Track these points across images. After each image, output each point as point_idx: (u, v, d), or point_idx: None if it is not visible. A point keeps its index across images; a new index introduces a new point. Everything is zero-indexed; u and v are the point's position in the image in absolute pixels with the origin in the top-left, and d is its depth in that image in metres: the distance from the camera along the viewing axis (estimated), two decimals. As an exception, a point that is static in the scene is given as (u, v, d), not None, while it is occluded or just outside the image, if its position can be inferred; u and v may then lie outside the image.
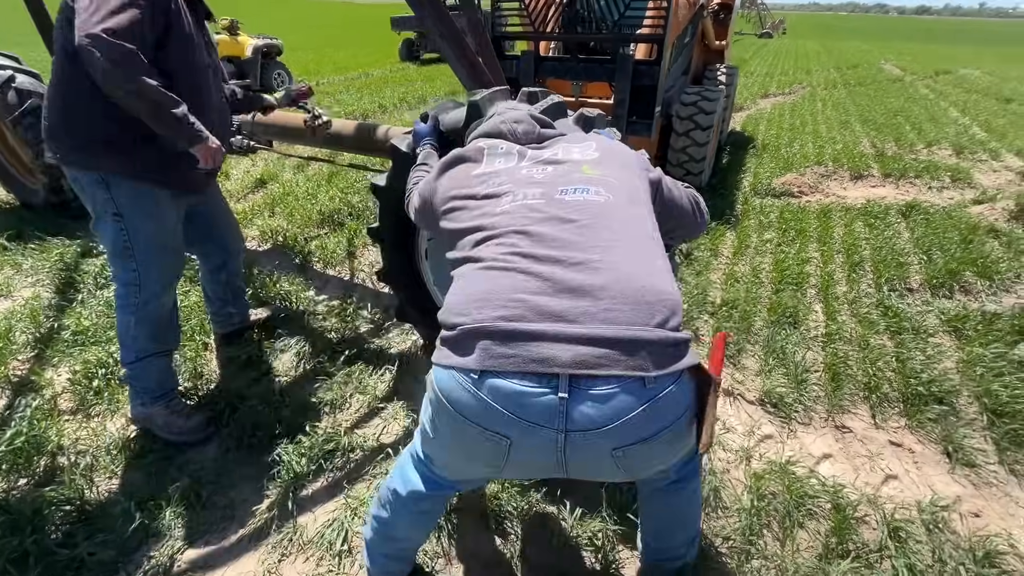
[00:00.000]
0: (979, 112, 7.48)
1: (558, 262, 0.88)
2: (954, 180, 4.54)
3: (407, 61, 13.41)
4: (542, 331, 0.80)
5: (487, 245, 0.96)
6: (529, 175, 1.07)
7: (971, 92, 9.51)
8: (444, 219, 1.12)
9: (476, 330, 0.84)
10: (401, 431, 1.99)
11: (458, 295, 0.92)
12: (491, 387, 0.81)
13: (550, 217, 0.95)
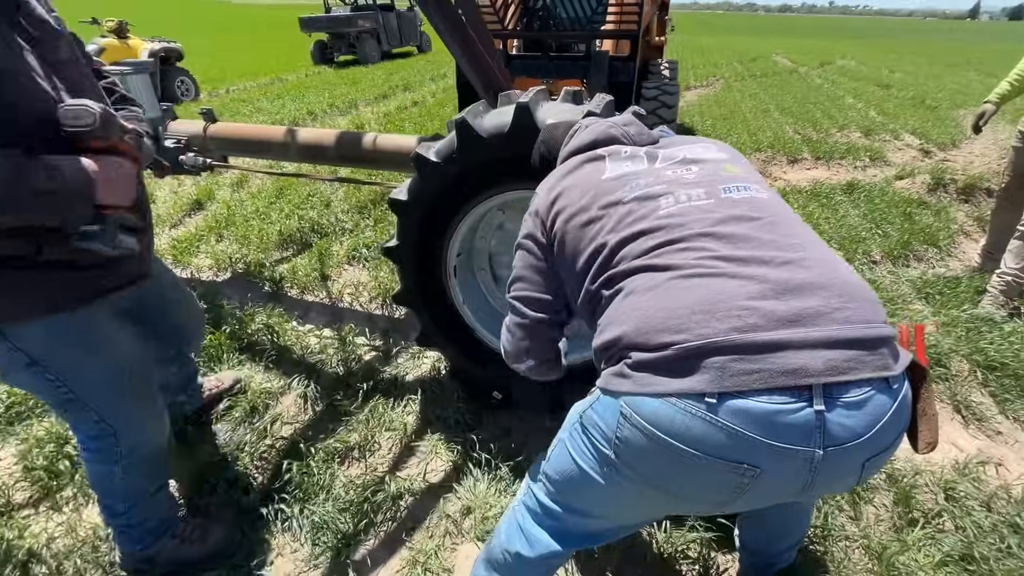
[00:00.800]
0: (869, 98, 8.42)
1: (765, 262, 0.79)
2: (873, 159, 5.04)
3: (322, 64, 12.66)
4: (786, 339, 0.71)
5: (672, 251, 0.84)
6: (678, 175, 0.97)
7: (855, 80, 10.72)
8: (577, 235, 1.00)
9: (703, 347, 0.73)
10: (447, 466, 1.82)
11: (655, 310, 0.79)
12: (734, 410, 0.71)
13: (731, 217, 0.86)
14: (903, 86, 9.74)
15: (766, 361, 0.70)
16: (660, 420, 0.75)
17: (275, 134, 2.42)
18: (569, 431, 0.97)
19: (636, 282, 0.85)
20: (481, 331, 1.95)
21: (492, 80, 2.00)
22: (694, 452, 0.73)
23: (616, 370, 0.83)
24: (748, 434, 0.70)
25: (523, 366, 1.16)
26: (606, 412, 0.84)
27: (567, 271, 1.04)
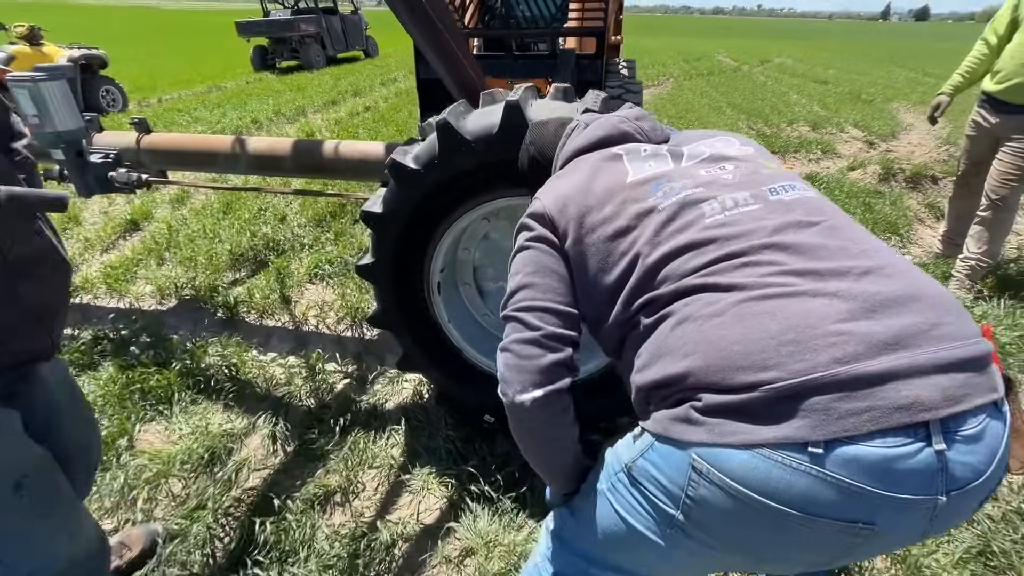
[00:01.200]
0: (810, 93, 8.81)
1: (842, 274, 0.67)
2: (824, 152, 5.22)
3: (263, 70, 12.05)
4: (892, 368, 0.59)
5: (731, 268, 0.72)
6: (714, 176, 0.85)
7: (794, 76, 11.23)
8: (602, 248, 0.85)
9: (802, 386, 0.60)
10: (442, 504, 1.65)
11: (729, 341, 0.66)
12: (845, 460, 0.58)
13: (789, 223, 0.75)
14: (838, 82, 10.28)
15: (875, 396, 0.58)
16: (751, 477, 0.61)
17: (222, 144, 2.17)
18: (610, 482, 0.82)
19: (692, 306, 0.72)
20: (469, 351, 1.79)
21: (467, 79, 1.84)
22: (797, 513, 0.60)
23: (679, 414, 0.69)
24: (864, 487, 0.58)
25: (527, 397, 0.84)
26: (668, 465, 0.70)
27: (586, 291, 0.89)
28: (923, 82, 10.71)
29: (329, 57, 12.90)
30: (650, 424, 0.75)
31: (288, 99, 8.03)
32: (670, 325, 0.74)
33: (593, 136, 1.01)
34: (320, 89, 8.85)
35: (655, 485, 0.72)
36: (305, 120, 6.73)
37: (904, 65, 14.42)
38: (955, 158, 4.76)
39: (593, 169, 0.93)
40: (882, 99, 8.22)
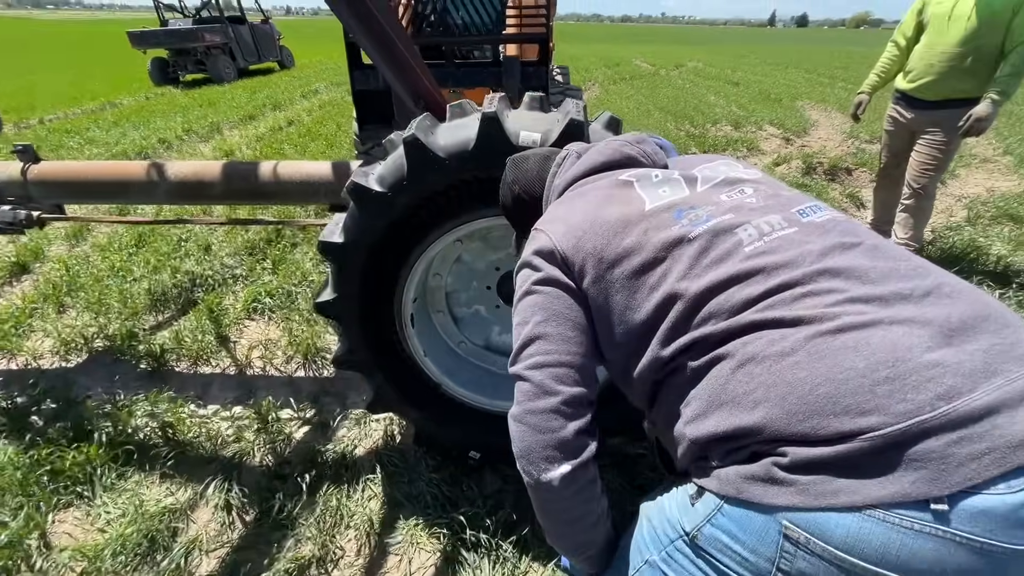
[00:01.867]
0: (726, 94, 9.36)
1: (906, 298, 0.62)
2: (749, 149, 5.53)
3: (164, 84, 11.02)
4: (1000, 399, 0.53)
5: (789, 300, 0.64)
6: (737, 201, 0.77)
7: (708, 79, 11.92)
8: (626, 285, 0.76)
9: (909, 431, 0.52)
10: (435, 559, 1.48)
11: (811, 384, 0.57)
12: (974, 514, 0.51)
13: (833, 246, 0.68)
14: (748, 83, 11.04)
15: (992, 436, 0.52)
16: (865, 545, 0.53)
17: (134, 171, 1.87)
18: (664, 552, 0.72)
19: (753, 345, 0.63)
20: (449, 384, 1.64)
21: (423, 91, 1.70)
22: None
23: (758, 473, 0.60)
24: (999, 543, 0.51)
25: (555, 475, 0.75)
26: (748, 534, 0.60)
27: (610, 335, 0.79)
28: (818, 81, 11.76)
29: (240, 69, 12.06)
30: (714, 484, 0.65)
31: (198, 115, 7.37)
32: (729, 368, 0.65)
33: (594, 161, 0.92)
34: (234, 103, 8.22)
35: (730, 555, 0.62)
36: (221, 137, 6.19)
37: (799, 67, 15.79)
38: (862, 151, 5.21)
39: (603, 197, 0.84)
40: (789, 98, 8.90)
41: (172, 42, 10.73)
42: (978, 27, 2.43)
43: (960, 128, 2.53)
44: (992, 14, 2.39)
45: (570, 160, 0.97)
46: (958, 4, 2.50)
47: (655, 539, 0.75)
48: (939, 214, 3.88)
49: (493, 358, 1.78)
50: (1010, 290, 2.74)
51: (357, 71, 3.01)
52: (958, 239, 3.33)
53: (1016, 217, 3.78)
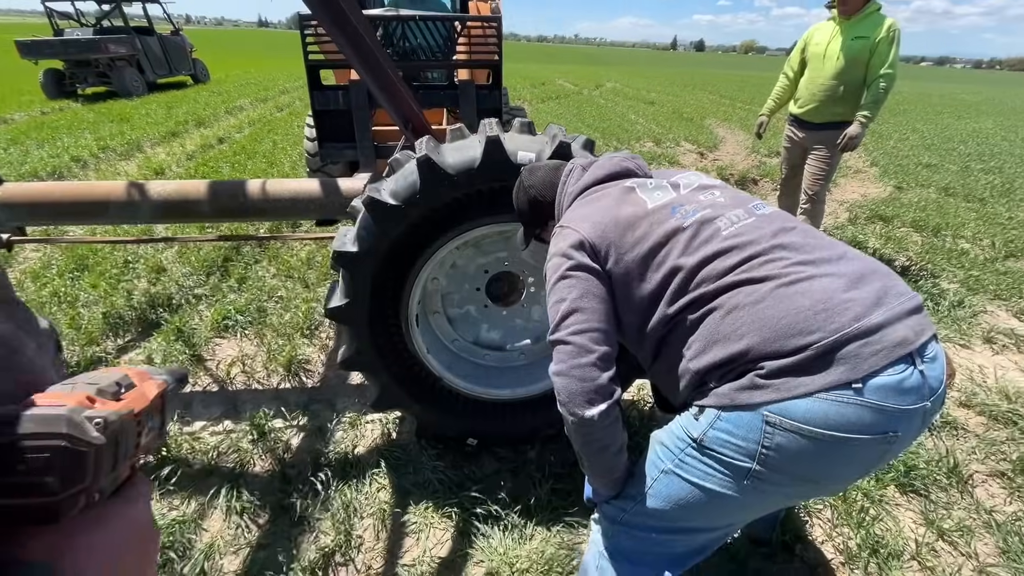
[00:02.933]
0: (644, 113, 10.20)
1: (829, 261, 0.91)
2: (672, 163, 6.14)
3: (60, 98, 10.07)
4: (885, 318, 0.83)
5: (757, 265, 0.91)
6: (712, 199, 1.05)
7: (627, 99, 12.88)
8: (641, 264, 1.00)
9: (837, 341, 0.81)
10: (450, 535, 1.64)
11: (776, 318, 0.85)
12: (876, 388, 0.80)
13: (780, 229, 0.97)
14: (662, 103, 12.07)
15: (882, 340, 0.82)
16: (816, 417, 0.81)
17: (113, 192, 1.88)
18: (677, 459, 0.97)
19: (736, 298, 0.90)
20: (449, 377, 1.82)
21: (408, 113, 1.89)
22: (854, 436, 0.81)
23: (744, 384, 0.86)
24: (890, 405, 0.81)
25: (595, 412, 0.95)
26: (740, 427, 0.86)
27: (628, 301, 1.04)
28: (721, 102, 13.11)
29: (150, 83, 11.31)
30: (712, 400, 0.91)
31: (111, 131, 6.88)
32: (720, 316, 0.92)
33: (602, 173, 1.18)
34: (151, 119, 7.74)
35: (730, 447, 0.88)
36: (144, 155, 5.86)
37: (703, 89, 17.44)
38: (764, 164, 5.98)
39: (615, 200, 1.10)
40: (699, 117, 9.88)
41: (70, 53, 9.89)
42: (846, 65, 3.01)
43: (838, 145, 3.11)
44: (855, 54, 2.99)
45: (577, 172, 1.21)
46: (830, 45, 3.09)
47: (667, 453, 0.99)
48: (828, 216, 4.59)
49: (483, 352, 1.97)
50: (885, 275, 3.36)
51: (317, 92, 3.10)
52: (844, 236, 4.00)
53: (884, 217, 4.57)
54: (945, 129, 10.43)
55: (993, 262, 3.74)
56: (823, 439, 0.82)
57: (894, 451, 0.87)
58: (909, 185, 5.79)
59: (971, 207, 5.02)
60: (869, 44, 2.95)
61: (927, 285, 3.29)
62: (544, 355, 1.98)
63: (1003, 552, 1.61)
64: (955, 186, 5.70)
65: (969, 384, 2.41)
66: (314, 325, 2.70)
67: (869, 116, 3.01)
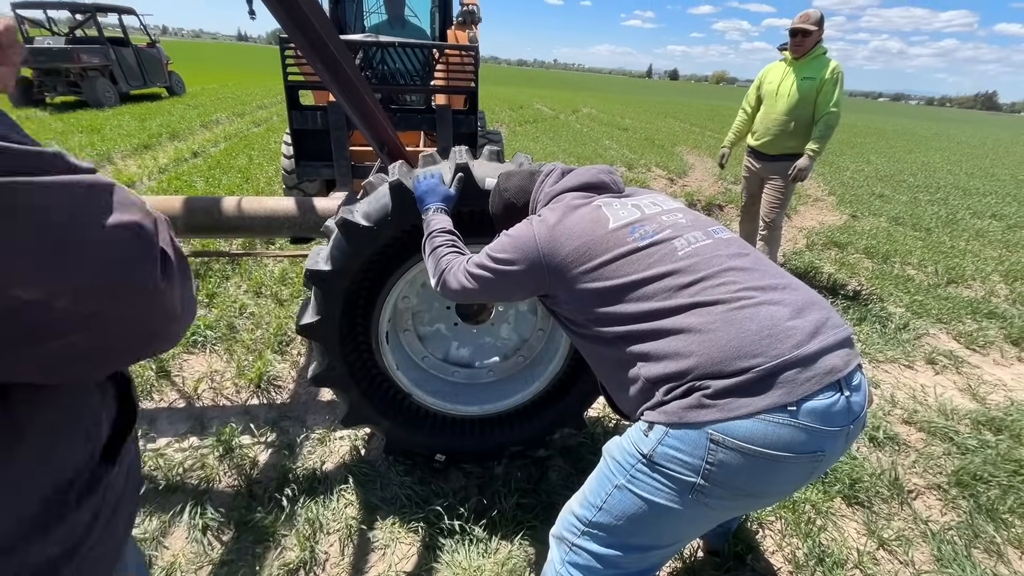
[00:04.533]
0: (618, 139, 10.54)
1: (775, 288, 1.00)
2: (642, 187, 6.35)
3: (26, 107, 9.83)
4: (820, 347, 0.92)
5: (709, 288, 0.99)
6: (674, 220, 1.13)
7: (602, 124, 13.29)
8: (593, 277, 1.07)
9: (777, 366, 0.89)
10: (415, 550, 1.67)
11: (724, 340, 0.92)
12: (808, 411, 0.88)
13: (733, 254, 1.05)
14: (635, 129, 12.50)
15: (815, 368, 0.91)
16: (755, 436, 0.89)
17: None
18: (628, 475, 1.02)
19: (690, 319, 0.98)
20: (418, 394, 1.87)
21: (385, 138, 1.97)
22: (787, 454, 0.89)
23: (691, 403, 0.93)
24: (819, 427, 0.90)
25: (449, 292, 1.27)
26: (687, 444, 0.93)
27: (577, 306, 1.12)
28: (691, 130, 13.65)
29: (123, 94, 11.15)
30: (660, 416, 0.97)
31: (80, 142, 6.76)
32: (672, 332, 0.98)
33: (577, 181, 1.25)
34: (123, 131, 7.62)
35: (676, 463, 0.95)
36: (115, 167, 5.77)
37: (675, 117, 18.13)
38: (729, 191, 6.25)
39: (580, 212, 1.17)
40: (669, 144, 10.27)
41: (41, 61, 9.70)
42: (796, 102, 3.25)
43: (790, 175, 3.32)
44: (804, 93, 3.22)
45: (556, 175, 1.30)
46: (782, 84, 3.33)
47: (619, 468, 1.06)
48: (788, 242, 4.83)
49: (452, 369, 2.03)
50: (837, 299, 3.56)
51: (296, 111, 3.16)
52: (801, 262, 4.22)
53: (839, 244, 4.84)
54: (897, 162, 11.09)
55: (936, 288, 4.00)
56: (761, 457, 0.89)
57: (821, 468, 0.96)
58: (863, 214, 6.14)
59: (918, 236, 5.36)
60: (816, 84, 3.19)
61: (876, 308, 3.50)
62: (512, 372, 2.05)
63: (937, 560, 1.73)
64: (904, 216, 6.07)
65: (911, 402, 2.57)
66: (285, 342, 2.71)
67: (816, 150, 3.24)
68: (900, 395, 2.63)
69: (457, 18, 4.31)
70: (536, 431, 2.00)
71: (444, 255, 1.30)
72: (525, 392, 1.95)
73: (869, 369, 2.88)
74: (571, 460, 2.04)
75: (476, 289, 1.20)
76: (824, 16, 3.18)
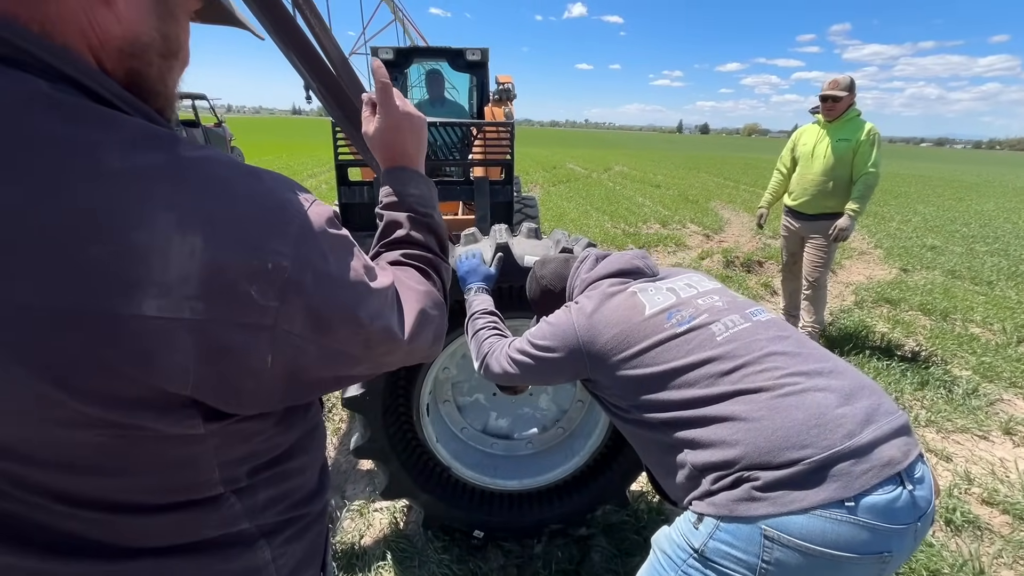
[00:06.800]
0: (651, 195, 10.67)
1: (821, 373, 0.96)
2: (677, 245, 6.36)
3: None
4: (874, 437, 0.87)
5: (752, 374, 0.97)
6: (710, 304, 1.12)
7: (634, 181, 13.53)
8: (633, 364, 1.07)
9: (829, 458, 0.85)
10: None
11: (771, 430, 0.89)
12: (868, 508, 0.83)
13: (774, 337, 1.03)
14: (668, 185, 12.66)
15: (872, 459, 0.86)
16: (812, 534, 0.84)
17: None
18: (680, 570, 0.97)
19: (733, 406, 0.95)
20: (458, 467, 1.86)
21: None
22: (850, 555, 0.83)
23: (742, 495, 0.89)
24: (883, 525, 0.84)
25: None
26: (740, 540, 0.88)
27: (620, 389, 1.11)
28: (726, 185, 13.70)
29: (190, 168, 12.29)
30: (710, 508, 0.94)
31: (151, 214, 7.40)
32: (717, 419, 0.96)
33: (612, 268, 1.27)
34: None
35: (730, 560, 0.90)
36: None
37: (708, 171, 18.28)
38: (768, 246, 6.16)
39: (616, 300, 1.18)
40: (703, 199, 10.31)
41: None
42: (833, 163, 3.24)
43: (831, 235, 3.26)
44: (840, 154, 3.22)
45: (590, 262, 1.32)
46: (817, 146, 3.35)
47: (670, 563, 1.01)
48: (834, 298, 4.66)
49: (491, 440, 2.01)
50: (893, 361, 3.36)
51: (344, 187, 3.41)
52: (850, 320, 4.04)
53: (891, 300, 4.63)
54: (947, 211, 10.69)
55: (1006, 347, 3.73)
56: (821, 556, 0.84)
57: (890, 569, 0.89)
58: (914, 267, 5.89)
59: (979, 290, 5.07)
60: (852, 145, 3.19)
61: (938, 372, 3.28)
62: (551, 444, 2.02)
63: (1042, 672, 1.52)
64: (961, 268, 5.77)
65: (991, 479, 2.35)
66: (328, 407, 2.77)
67: (857, 210, 3.19)
68: (976, 470, 2.41)
69: (493, 95, 4.62)
70: (577, 508, 1.94)
71: (486, 338, 1.34)
72: (565, 466, 1.91)
73: (937, 439, 2.66)
74: (614, 540, 1.94)
75: (518, 374, 1.22)
76: (854, 81, 3.23)
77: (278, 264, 0.47)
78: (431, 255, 0.77)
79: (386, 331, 0.59)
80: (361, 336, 0.57)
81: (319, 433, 0.69)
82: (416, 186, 0.79)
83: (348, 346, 0.56)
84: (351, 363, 0.59)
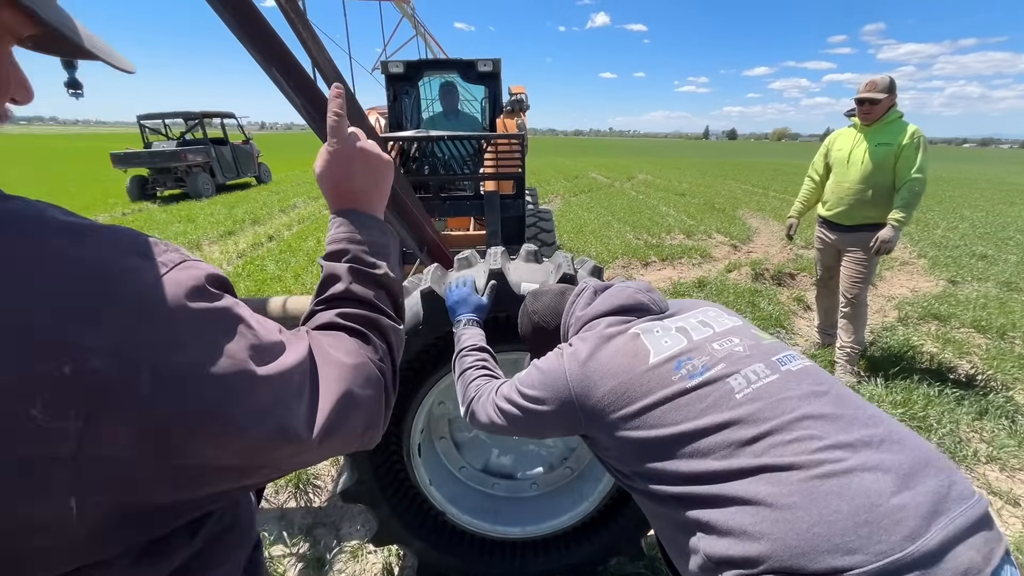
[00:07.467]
0: (675, 204, 10.37)
1: (868, 444, 0.77)
2: (703, 257, 6.08)
3: (141, 201, 11.33)
4: (945, 537, 0.68)
5: (776, 444, 0.79)
6: (728, 350, 0.94)
7: (658, 190, 13.22)
8: (635, 424, 0.89)
9: (885, 569, 0.66)
10: None
11: (806, 524, 0.70)
12: None
13: (807, 394, 0.85)
14: (693, 193, 12.30)
15: (942, 569, 0.66)
16: None
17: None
18: None
19: (756, 487, 0.77)
20: (453, 512, 1.69)
21: (427, 239, 1.95)
22: None
23: None
24: None
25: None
26: None
27: (620, 452, 0.93)
28: (753, 192, 13.24)
29: (219, 184, 12.63)
30: None
31: (177, 231, 7.57)
32: (736, 501, 0.78)
33: (612, 304, 1.09)
34: (213, 219, 8.49)
35: None
36: (201, 253, 6.34)
37: (735, 178, 17.78)
38: (800, 257, 5.82)
39: (615, 344, 0.99)
40: (731, 208, 9.95)
41: (155, 162, 11.25)
42: (872, 170, 2.97)
43: (872, 248, 2.98)
44: (880, 159, 2.95)
45: (587, 296, 1.14)
46: (854, 151, 3.08)
47: None
48: (875, 314, 4.32)
49: (492, 481, 1.85)
50: (946, 386, 3.04)
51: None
52: (894, 339, 3.72)
53: (939, 316, 4.26)
54: (998, 216, 10.02)
55: (1075, 370, 3.34)
56: None
57: None
58: (964, 279, 5.46)
59: (1039, 304, 4.63)
60: (894, 150, 2.92)
61: (998, 399, 2.94)
62: (558, 486, 1.84)
63: None
64: (1018, 280, 5.32)
65: (1069, 529, 2.04)
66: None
67: (902, 219, 2.90)
68: (1053, 520, 2.10)
69: (506, 107, 4.51)
70: (586, 559, 1.75)
71: (473, 379, 1.18)
72: (573, 512, 1.73)
73: (1002, 479, 2.36)
74: (629, 596, 1.74)
75: (505, 426, 1.06)
76: (894, 81, 2.96)
77: (81, 365, 0.34)
78: (374, 314, 0.62)
79: (280, 432, 0.45)
80: (238, 444, 0.43)
81: (235, 535, 0.54)
82: (367, 232, 0.66)
83: (219, 459, 0.42)
84: (232, 477, 0.45)
